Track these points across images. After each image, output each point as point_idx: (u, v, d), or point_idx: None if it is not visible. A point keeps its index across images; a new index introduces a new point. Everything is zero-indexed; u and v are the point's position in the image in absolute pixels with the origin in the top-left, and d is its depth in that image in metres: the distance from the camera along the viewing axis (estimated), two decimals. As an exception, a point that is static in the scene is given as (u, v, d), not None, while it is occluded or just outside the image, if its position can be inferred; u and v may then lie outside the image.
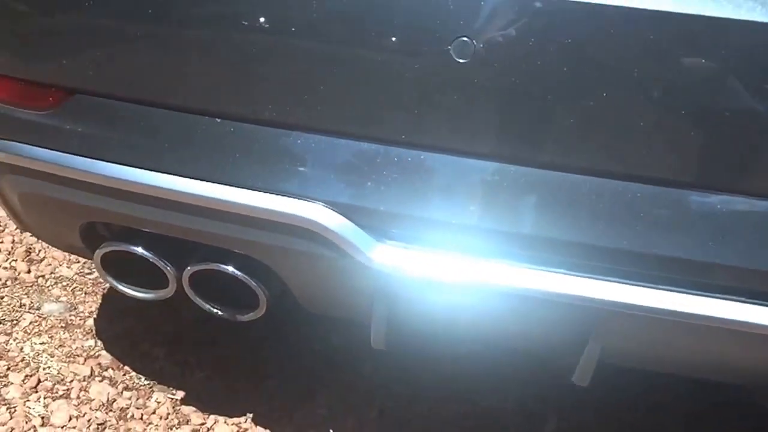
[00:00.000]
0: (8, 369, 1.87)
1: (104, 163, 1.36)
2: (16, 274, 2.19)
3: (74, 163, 1.38)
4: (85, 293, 2.14)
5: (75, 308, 2.08)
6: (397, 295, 1.35)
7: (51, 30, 1.33)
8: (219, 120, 1.30)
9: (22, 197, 1.49)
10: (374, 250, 1.27)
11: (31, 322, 2.02)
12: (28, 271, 2.21)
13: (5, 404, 1.77)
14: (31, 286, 2.15)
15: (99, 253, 1.49)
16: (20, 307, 2.07)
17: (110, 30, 1.30)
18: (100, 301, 2.12)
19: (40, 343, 1.95)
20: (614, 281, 1.20)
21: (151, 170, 1.33)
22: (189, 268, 1.45)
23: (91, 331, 2.01)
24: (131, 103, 1.34)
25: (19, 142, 1.41)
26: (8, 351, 1.92)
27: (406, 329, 1.44)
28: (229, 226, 1.34)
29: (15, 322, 2.02)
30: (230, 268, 1.42)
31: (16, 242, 2.32)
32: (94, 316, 2.06)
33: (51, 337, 1.98)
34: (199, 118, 1.31)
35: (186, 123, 1.31)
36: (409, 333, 1.47)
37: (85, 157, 1.37)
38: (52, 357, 1.91)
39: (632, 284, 1.20)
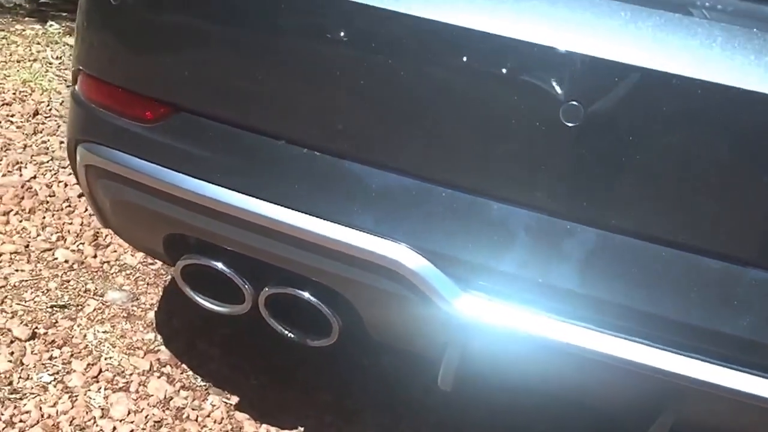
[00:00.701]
0: (72, 356, 1.91)
1: (198, 180, 1.39)
2: (83, 257, 2.24)
3: (169, 177, 1.41)
4: (147, 284, 2.18)
5: (137, 298, 2.13)
6: (473, 343, 1.37)
7: (165, 48, 1.37)
8: (318, 153, 1.32)
9: (113, 202, 1.53)
10: (458, 299, 1.29)
11: (94, 309, 2.06)
12: (95, 256, 2.25)
13: (68, 392, 1.81)
14: (96, 272, 2.20)
15: (180, 264, 1.52)
16: (85, 292, 2.12)
17: (222, 56, 1.33)
18: (161, 293, 2.16)
19: (103, 332, 2.00)
20: (697, 358, 1.21)
21: (242, 193, 1.36)
22: (266, 289, 1.48)
23: (152, 324, 2.05)
24: (231, 126, 1.36)
25: (118, 150, 1.44)
26: (72, 337, 1.97)
27: (475, 376, 1.46)
28: (313, 256, 1.37)
29: (80, 307, 2.06)
30: (306, 295, 1.45)
31: (84, 225, 2.37)
32: (155, 308, 2.10)
33: (113, 326, 2.02)
34: (296, 148, 1.33)
35: (282, 152, 1.33)
36: (479, 380, 1.48)
37: (181, 173, 1.40)
38: (114, 347, 1.96)
39: (717, 364, 1.21)
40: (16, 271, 2.15)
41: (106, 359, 1.92)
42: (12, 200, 2.42)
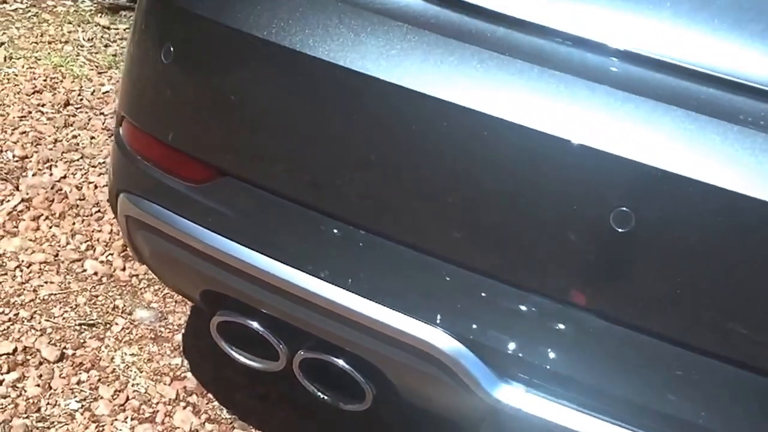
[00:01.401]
0: (99, 380, 1.92)
1: (238, 245, 1.38)
2: (112, 270, 2.24)
3: (209, 239, 1.40)
4: (176, 302, 2.18)
5: (165, 318, 2.13)
6: (510, 425, 1.36)
7: (213, 112, 1.35)
8: (363, 232, 1.31)
9: (152, 252, 1.52)
10: (497, 389, 1.28)
11: (122, 328, 2.07)
12: (123, 269, 2.25)
13: (95, 420, 1.82)
14: (125, 286, 2.20)
15: (216, 320, 1.52)
16: (113, 309, 2.12)
17: (270, 126, 1.32)
18: (188, 312, 2.16)
19: (131, 354, 2.00)
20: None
21: (280, 262, 1.35)
22: (301, 352, 1.47)
23: (179, 347, 2.05)
24: (275, 195, 1.35)
25: (161, 205, 1.43)
26: (100, 359, 1.97)
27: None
28: (348, 330, 1.36)
29: (108, 326, 2.07)
30: (341, 362, 1.44)
31: (114, 233, 2.37)
32: (183, 330, 2.10)
33: (141, 349, 2.02)
34: (338, 224, 1.32)
35: (324, 225, 1.32)
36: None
37: (222, 235, 1.39)
38: (141, 372, 1.96)
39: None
40: (46, 283, 2.16)
41: (133, 385, 1.93)
42: (42, 204, 2.42)
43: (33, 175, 2.53)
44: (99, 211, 2.45)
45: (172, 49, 1.36)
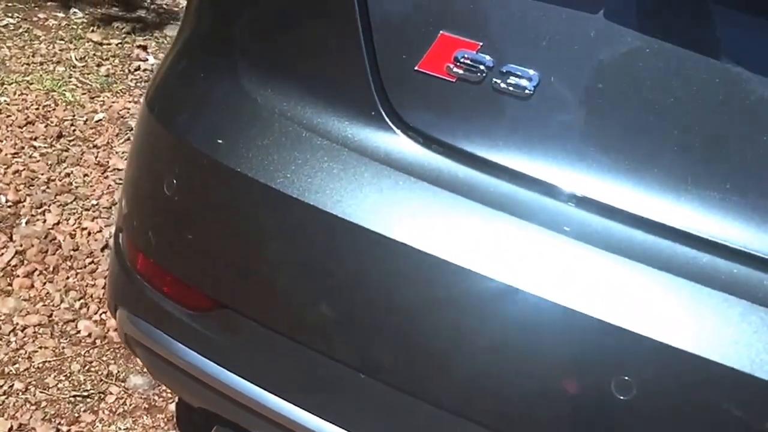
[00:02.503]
0: (94, 460, 1.94)
1: (234, 376, 1.39)
2: (105, 330, 2.25)
3: (207, 367, 1.41)
4: (169, 366, 2.19)
5: (159, 385, 2.14)
6: None
7: (214, 246, 1.35)
8: (364, 376, 1.32)
9: (150, 366, 1.53)
10: None
11: (116, 398, 2.08)
12: (117, 329, 2.25)
13: (89, 506, 1.84)
14: (119, 349, 2.21)
15: (216, 429, 1.53)
16: (107, 376, 2.13)
17: (270, 265, 1.32)
18: (182, 377, 2.17)
19: (125, 429, 2.01)
20: None
21: (273, 394, 1.36)
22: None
23: (172, 419, 2.07)
24: (273, 332, 1.36)
25: (159, 329, 1.44)
26: (94, 436, 1.99)
27: None
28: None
29: (102, 396, 2.08)
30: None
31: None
32: (176, 398, 2.11)
33: (135, 422, 2.04)
34: (330, 362, 1.33)
35: (317, 362, 1.33)
36: None
37: (218, 365, 1.40)
38: (135, 448, 1.98)
39: None
40: (40, 348, 2.16)
41: (127, 465, 1.95)
42: (36, 257, 2.41)
43: (27, 222, 2.52)
44: (93, 261, 2.45)
45: (174, 182, 1.35)
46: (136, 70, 3.45)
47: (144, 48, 3.61)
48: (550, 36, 1.22)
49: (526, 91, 1.22)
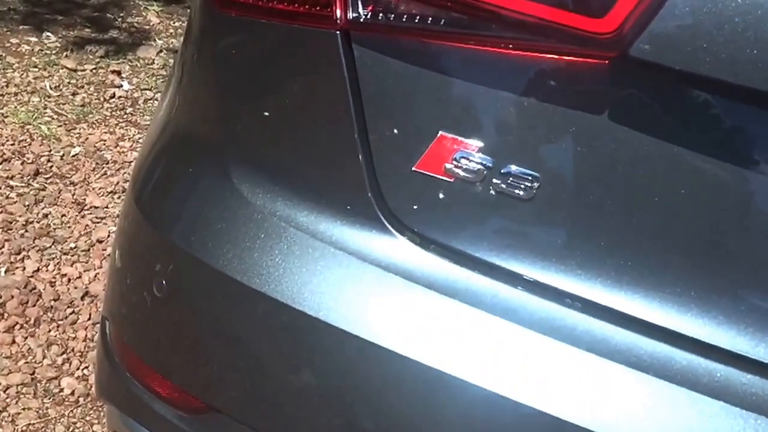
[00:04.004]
0: None
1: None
2: (88, 387, 2.20)
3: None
4: (156, 424, 2.15)
5: (145, 445, 2.10)
6: None
7: (203, 353, 1.31)
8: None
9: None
10: None
11: (102, 462, 2.04)
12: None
13: None
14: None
15: None
16: (92, 438, 2.09)
17: (261, 371, 1.29)
18: (169, 435, 2.13)
19: (112, 496, 1.97)
20: None
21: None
22: None
23: (161, 482, 2.02)
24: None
25: (146, 428, 1.40)
26: (82, 505, 1.95)
27: None
28: None
29: (87, 460, 2.04)
30: None
31: (88, 339, 2.32)
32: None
33: (122, 487, 1.99)
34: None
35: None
36: None
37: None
38: None
39: None
40: (24, 410, 2.12)
41: None
42: (16, 309, 2.36)
43: (6, 271, 2.46)
44: (74, 312, 2.40)
45: (164, 283, 1.31)
46: (111, 97, 3.39)
47: (118, 73, 3.54)
48: (552, 137, 1.18)
49: (528, 193, 1.18)
